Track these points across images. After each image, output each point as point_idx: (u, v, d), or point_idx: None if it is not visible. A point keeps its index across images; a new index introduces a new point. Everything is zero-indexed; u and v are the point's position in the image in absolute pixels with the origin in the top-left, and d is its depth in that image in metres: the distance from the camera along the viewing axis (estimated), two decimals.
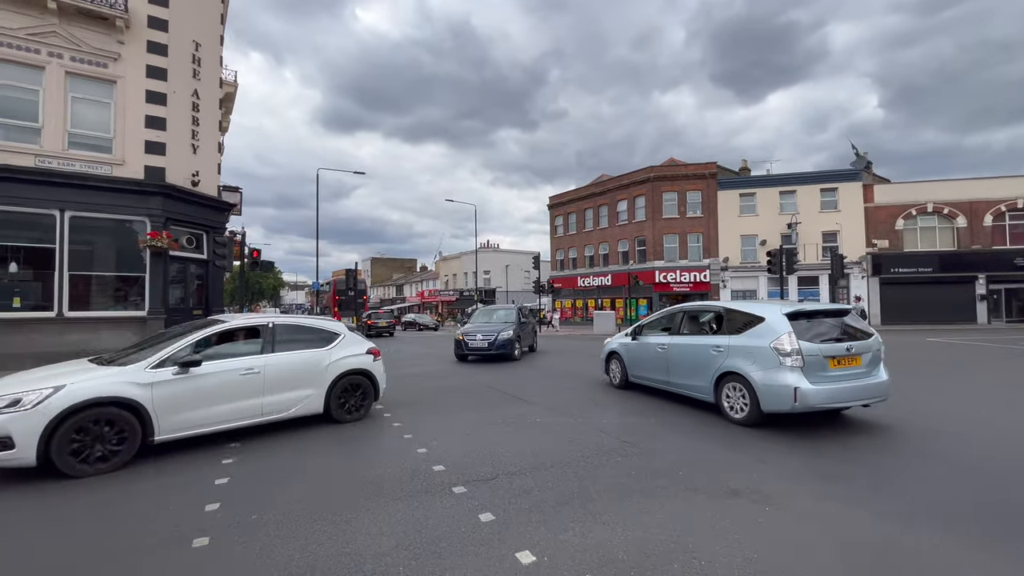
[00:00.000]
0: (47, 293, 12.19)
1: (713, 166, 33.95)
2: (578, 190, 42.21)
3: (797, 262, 21.07)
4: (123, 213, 12.97)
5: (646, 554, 3.12)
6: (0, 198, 11.56)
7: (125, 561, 3.14)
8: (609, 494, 4.11)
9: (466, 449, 5.46)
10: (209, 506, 3.96)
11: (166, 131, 13.67)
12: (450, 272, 63.68)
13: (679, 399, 7.85)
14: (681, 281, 33.46)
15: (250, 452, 5.46)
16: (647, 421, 6.67)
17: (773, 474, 4.54)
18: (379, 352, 7.36)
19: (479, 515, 3.71)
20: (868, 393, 5.95)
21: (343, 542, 3.33)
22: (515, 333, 14.10)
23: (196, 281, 15.36)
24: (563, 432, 6.16)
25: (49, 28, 12.20)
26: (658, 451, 5.30)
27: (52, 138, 12.29)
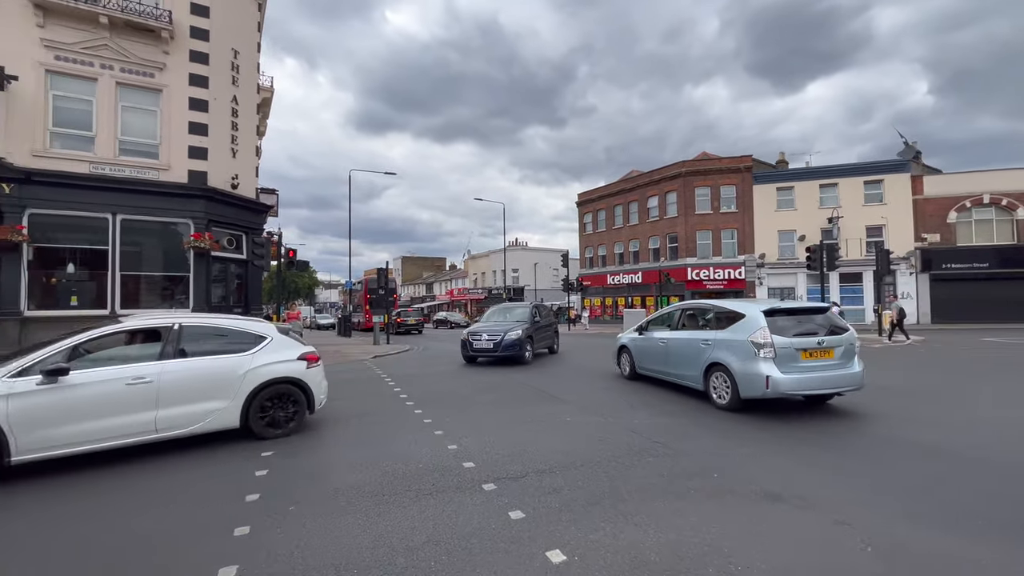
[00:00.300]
0: (101, 292, 12.93)
1: (748, 159, 32.91)
2: (607, 187, 41.71)
3: (839, 258, 20.22)
4: (169, 216, 13.61)
5: (679, 557, 3.05)
6: (59, 203, 12.32)
7: (171, 548, 3.29)
8: (640, 494, 4.04)
9: (496, 446, 5.47)
10: (249, 496, 4.11)
11: (207, 136, 14.26)
12: (479, 270, 64.07)
13: (708, 398, 7.67)
14: (715, 278, 32.63)
15: (288, 444, 5.64)
16: (679, 422, 6.54)
17: (817, 480, 4.36)
18: (317, 357, 6.45)
19: (509, 512, 3.71)
20: (840, 383, 6.59)
21: (376, 535, 3.39)
22: (525, 333, 12.88)
23: (236, 280, 15.98)
24: (593, 431, 6.10)
25: (101, 41, 12.90)
26: (691, 452, 5.18)
27: (105, 145, 13.00)
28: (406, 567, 2.97)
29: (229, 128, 15.14)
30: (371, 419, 6.93)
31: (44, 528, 3.64)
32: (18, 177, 11.77)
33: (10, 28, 12.03)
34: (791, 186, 32.21)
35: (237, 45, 15.56)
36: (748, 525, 3.48)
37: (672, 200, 34.92)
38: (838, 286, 29.87)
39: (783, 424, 6.34)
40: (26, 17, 12.19)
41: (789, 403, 7.41)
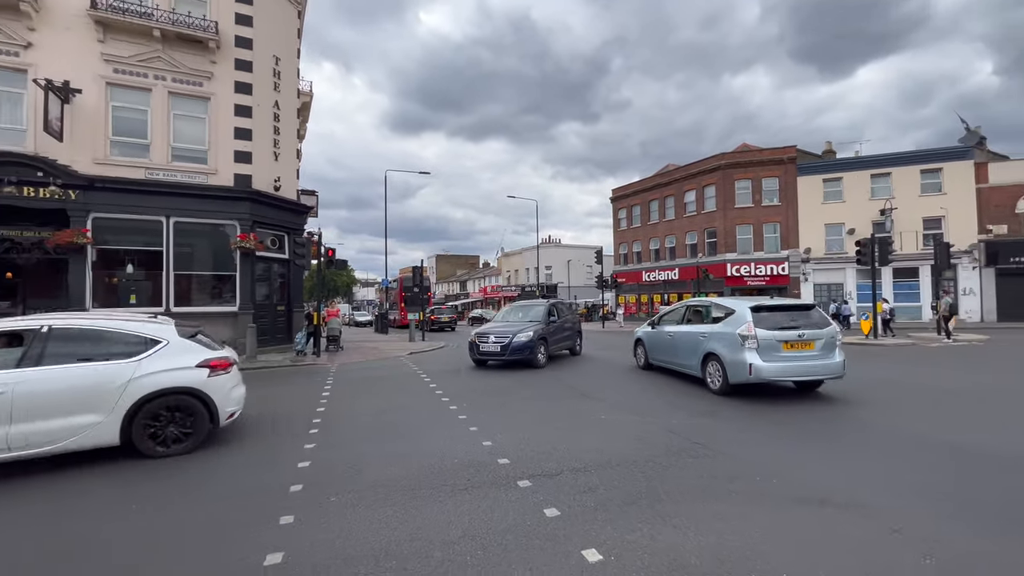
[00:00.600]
0: (156, 291, 13.70)
1: (792, 150, 31.54)
2: (642, 181, 40.92)
3: (892, 252, 19.13)
4: (216, 218, 14.27)
5: (720, 560, 2.96)
6: (118, 207, 13.13)
7: (221, 534, 3.45)
8: (679, 496, 3.94)
9: (530, 443, 5.47)
10: (293, 487, 4.26)
11: (251, 141, 14.86)
12: (512, 268, 64.20)
13: (704, 384, 7.94)
14: (756, 274, 31.49)
15: (328, 438, 5.81)
16: (719, 423, 6.35)
17: (868, 486, 4.14)
18: (226, 364, 5.71)
19: (544, 510, 3.70)
20: (819, 371, 7.49)
21: (414, 527, 3.45)
22: (537, 335, 11.61)
23: (279, 279, 16.61)
24: (630, 430, 6.00)
25: (154, 54, 13.64)
26: (733, 454, 5.01)
27: (159, 152, 13.76)
28: (443, 560, 3.00)
29: (271, 132, 15.73)
30: (407, 414, 7.06)
31: (115, 520, 3.89)
32: (82, 184, 12.61)
33: (75, 45, 12.89)
34: (839, 177, 30.66)
35: (278, 52, 16.13)
36: (794, 530, 3.34)
37: (710, 194, 33.90)
38: (891, 282, 28.25)
39: (828, 427, 6.07)
40: (89, 34, 13.03)
41: (829, 403, 7.10)
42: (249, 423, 6.89)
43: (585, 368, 11.79)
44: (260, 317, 14.88)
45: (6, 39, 12.32)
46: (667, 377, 9.86)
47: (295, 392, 9.23)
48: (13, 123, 12.55)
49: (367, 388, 9.55)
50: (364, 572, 2.89)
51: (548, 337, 12.23)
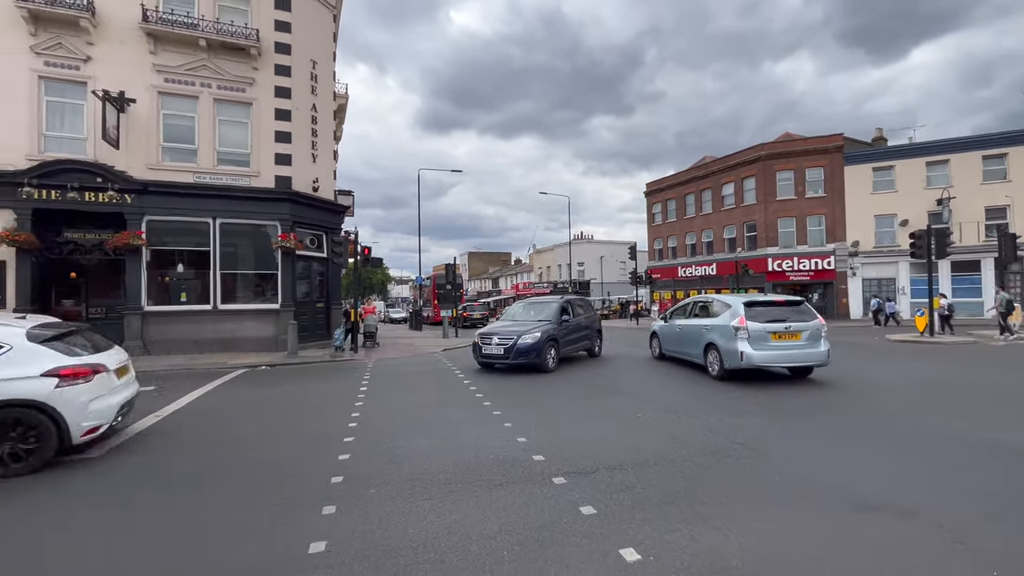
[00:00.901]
0: (205, 289, 14.38)
1: (839, 138, 30.03)
2: (677, 175, 39.94)
3: (950, 244, 17.98)
4: (259, 218, 14.84)
5: (764, 564, 2.85)
6: (169, 210, 13.85)
7: (268, 521, 3.58)
8: (719, 496, 3.83)
9: (565, 441, 5.44)
10: (334, 478, 4.38)
11: (291, 144, 15.36)
12: (544, 264, 64.03)
13: (706, 370, 8.45)
14: (799, 269, 30.22)
15: (367, 431, 5.95)
16: (760, 421, 6.15)
17: (922, 491, 3.91)
18: (85, 372, 4.96)
19: (580, 507, 3.67)
20: (805, 359, 8.54)
21: (451, 521, 3.49)
22: (546, 336, 10.55)
23: (318, 277, 17.13)
24: (666, 429, 5.88)
25: (200, 63, 14.28)
26: (776, 455, 4.84)
27: (205, 157, 14.41)
28: (479, 554, 3.02)
29: (309, 135, 16.21)
30: (442, 409, 7.15)
31: (166, 511, 4.11)
32: (137, 188, 13.36)
33: (129, 57, 13.65)
34: (890, 165, 29.00)
35: (315, 56, 16.58)
36: (843, 536, 3.19)
37: (750, 186, 32.71)
38: (949, 275, 26.55)
39: (874, 428, 5.78)
40: (141, 46, 13.76)
41: (874, 405, 6.72)
42: (292, 416, 7.14)
43: (612, 366, 11.64)
44: (300, 314, 15.40)
45: (68, 54, 13.17)
46: (693, 372, 10.08)
47: (334, 387, 9.51)
48: (75, 132, 13.43)
49: (403, 383, 9.74)
50: (404, 563, 2.94)
51: (560, 338, 11.16)
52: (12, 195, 12.37)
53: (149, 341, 13.55)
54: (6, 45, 12.68)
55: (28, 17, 12.70)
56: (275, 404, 8.06)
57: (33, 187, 12.40)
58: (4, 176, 12.33)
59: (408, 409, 7.20)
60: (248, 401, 8.19)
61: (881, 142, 32.23)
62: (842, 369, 10.65)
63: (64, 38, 13.10)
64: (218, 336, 14.19)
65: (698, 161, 39.82)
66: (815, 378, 9.21)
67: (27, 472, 4.62)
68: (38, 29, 12.90)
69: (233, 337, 14.33)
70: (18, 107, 12.77)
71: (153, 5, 13.82)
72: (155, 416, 6.93)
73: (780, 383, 8.74)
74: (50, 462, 4.79)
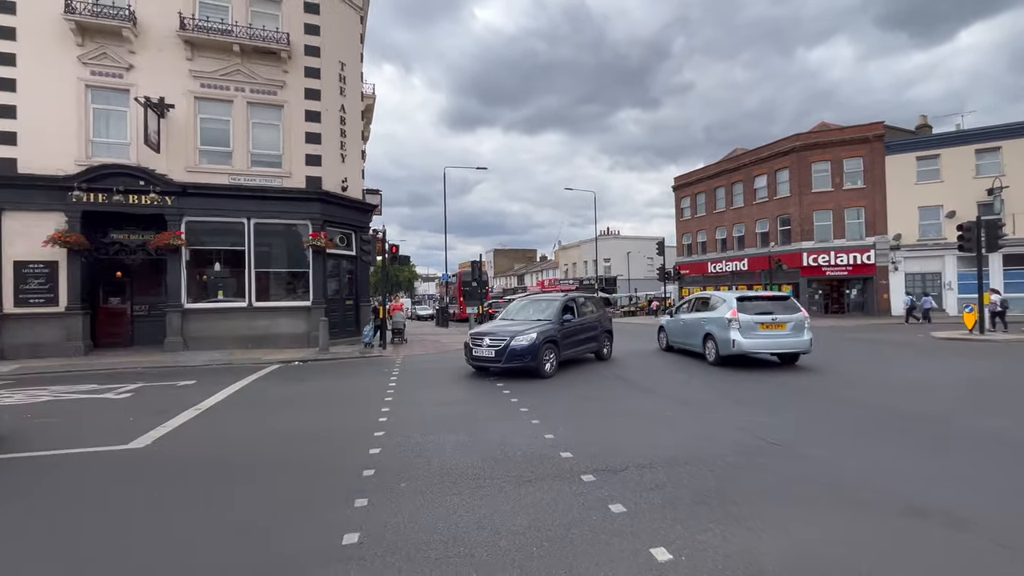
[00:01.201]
0: (240, 287, 14.87)
1: (879, 126, 28.73)
2: (707, 168, 39.01)
3: (1003, 236, 16.97)
4: (291, 218, 15.23)
5: (801, 568, 2.77)
6: (207, 211, 14.37)
7: (303, 512, 3.68)
8: (754, 497, 3.73)
9: (593, 438, 5.40)
10: (366, 472, 4.47)
11: (320, 145, 15.69)
12: (569, 261, 63.66)
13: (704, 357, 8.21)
14: (836, 264, 29.11)
15: (397, 426, 6.05)
16: (796, 421, 5.96)
17: (974, 496, 3.71)
18: None
19: (609, 505, 3.64)
20: (789, 346, 9.91)
21: (480, 516, 3.51)
22: (543, 337, 9.59)
23: (347, 275, 17.48)
24: (697, 427, 5.77)
25: (234, 68, 14.73)
26: (814, 456, 4.68)
27: (240, 159, 14.87)
28: (509, 550, 3.03)
29: (338, 136, 16.53)
30: (470, 406, 7.20)
31: (206, 502, 4.28)
32: (176, 191, 13.90)
33: (168, 64, 14.19)
34: (936, 154, 27.57)
35: (343, 58, 16.87)
36: (887, 542, 3.06)
37: (784, 178, 31.66)
38: (1000, 269, 25.10)
39: (917, 427, 5.51)
40: (179, 53, 14.29)
41: (914, 405, 6.41)
42: (324, 411, 7.32)
43: (624, 363, 11.47)
44: (331, 311, 15.76)
45: (112, 63, 13.79)
46: (693, 360, 11.19)
47: (364, 383, 9.69)
48: (119, 138, 14.06)
49: (431, 379, 9.85)
50: (434, 556, 2.98)
51: (560, 340, 10.09)
52: (63, 199, 13.06)
53: (189, 337, 14.11)
54: (57, 56, 13.37)
55: (76, 29, 13.35)
56: (308, 399, 8.27)
57: (82, 191, 13.07)
58: (56, 181, 13.03)
59: (436, 405, 7.28)
60: (282, 396, 8.43)
61: (925, 130, 30.68)
62: (881, 368, 10.23)
63: (108, 48, 13.72)
64: (253, 332, 14.66)
65: (728, 154, 38.79)
66: (851, 376, 8.87)
67: None
68: (85, 40, 13.55)
69: (267, 333, 14.78)
70: (68, 115, 13.46)
71: (189, 13, 14.33)
72: (195, 409, 7.21)
73: (795, 376, 8.46)
74: (99, 453, 5.06)
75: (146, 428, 6.11)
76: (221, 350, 13.97)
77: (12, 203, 12.98)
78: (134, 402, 7.90)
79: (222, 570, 2.92)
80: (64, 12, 13.13)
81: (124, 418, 6.74)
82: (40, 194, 13.08)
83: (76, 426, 6.45)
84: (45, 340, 13.07)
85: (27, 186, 13.01)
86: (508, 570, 2.81)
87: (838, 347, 14.14)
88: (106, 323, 14.76)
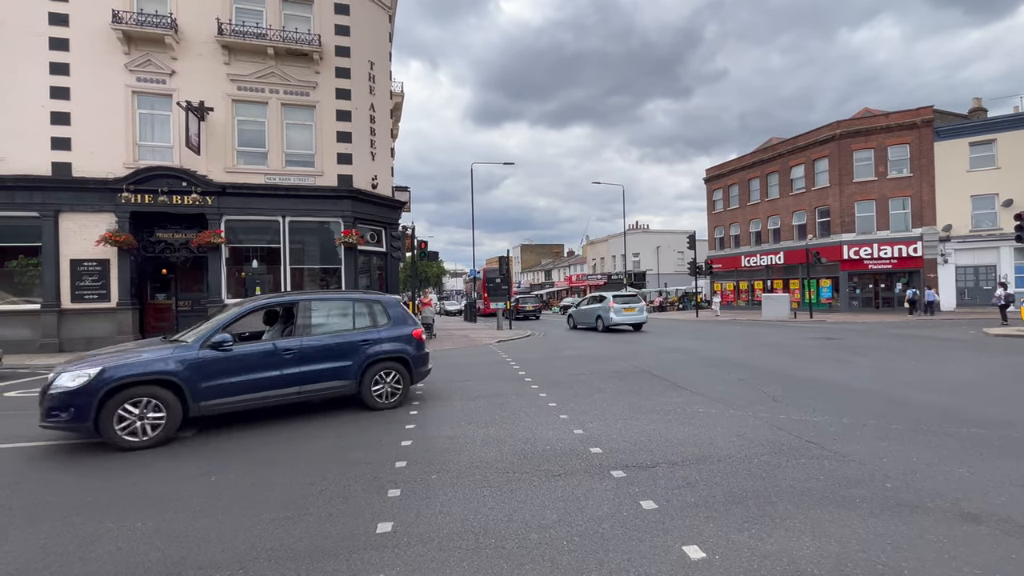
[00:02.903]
0: (276, 283, 15.35)
1: (928, 111, 27.21)
2: (741, 158, 37.87)
3: None
4: (323, 216, 15.61)
5: (843, 571, 2.67)
6: (244, 210, 14.88)
7: (339, 500, 3.79)
8: (792, 498, 3.62)
9: (623, 434, 5.35)
10: (398, 463, 4.56)
11: (351, 143, 16.00)
12: (597, 256, 63.04)
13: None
14: (880, 256, 27.82)
15: (427, 419, 6.14)
16: (838, 420, 5.74)
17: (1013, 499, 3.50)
18: None
19: (640, 502, 3.60)
20: (637, 320, 18.77)
21: (510, 509, 3.53)
22: (107, 381, 5.19)
23: (377, 271, 17.80)
24: (729, 425, 5.63)
25: (269, 70, 15.16)
26: (856, 456, 4.50)
27: (275, 159, 15.33)
28: (539, 543, 3.04)
29: (368, 134, 16.81)
30: (499, 400, 7.24)
31: (247, 491, 4.45)
32: (216, 191, 14.46)
33: (207, 68, 14.74)
34: (991, 139, 25.93)
35: (372, 57, 17.13)
36: (935, 547, 2.91)
37: (822, 168, 30.42)
38: None
39: (971, 430, 5.21)
40: (217, 58, 14.82)
41: (963, 407, 6.04)
42: (356, 404, 7.49)
43: (668, 359, 11.25)
44: None
45: (156, 69, 14.43)
46: (592, 332, 11.52)
47: None
48: (163, 141, 14.72)
49: (460, 374, 9.95)
50: (465, 547, 3.02)
51: (191, 382, 5.59)
52: (113, 200, 13.78)
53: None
54: (106, 65, 14.09)
55: (122, 38, 14.01)
56: None
57: (130, 192, 13.75)
58: (107, 183, 13.75)
59: (465, 399, 7.35)
60: None
61: (979, 113, 28.86)
62: (930, 365, 9.74)
63: (152, 55, 14.35)
64: None
65: (763, 143, 37.51)
66: (899, 373, 8.48)
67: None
68: (131, 48, 14.22)
69: None
70: (117, 120, 14.16)
71: (227, 18, 14.82)
72: None
73: (833, 371, 8.12)
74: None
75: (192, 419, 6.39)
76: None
77: (68, 204, 13.79)
78: None
79: (269, 554, 3.03)
80: (112, 22, 13.80)
81: None
82: (92, 196, 13.84)
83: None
84: (98, 334, 13.85)
85: (80, 188, 13.78)
86: (539, 563, 2.83)
87: (882, 343, 13.54)
88: (153, 318, 15.52)
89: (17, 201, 13.53)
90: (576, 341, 16.26)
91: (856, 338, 15.04)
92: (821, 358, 10.83)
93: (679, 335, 17.67)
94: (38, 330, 13.60)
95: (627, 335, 17.93)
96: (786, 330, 19.12)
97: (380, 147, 17.44)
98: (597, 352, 13.06)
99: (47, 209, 13.63)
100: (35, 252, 13.79)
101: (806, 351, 12.16)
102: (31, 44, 13.68)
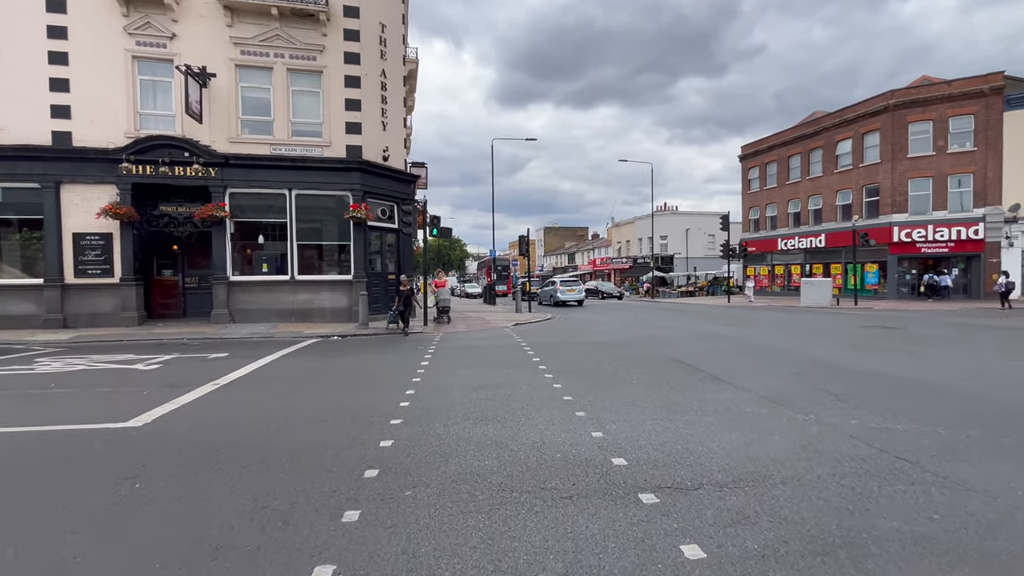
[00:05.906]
0: (283, 260, 14.67)
1: (998, 77, 24.42)
2: (780, 133, 35.38)
3: None
4: (331, 189, 14.77)
5: None
6: (249, 182, 14.16)
7: (276, 528, 2.87)
8: (903, 550, 2.51)
9: (653, 439, 4.29)
10: (368, 471, 3.63)
11: (360, 112, 15.02)
12: (623, 239, 61.03)
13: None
14: (935, 239, 25.46)
15: (418, 413, 5.20)
16: (931, 430, 4.53)
17: None
18: None
19: (681, 546, 2.56)
20: (577, 298, 27.34)
21: (499, 550, 2.55)
22: None
23: (389, 249, 16.94)
24: (789, 432, 4.50)
25: (273, 33, 14.22)
26: (973, 483, 3.33)
27: (281, 128, 14.49)
28: None
29: (379, 102, 15.79)
30: (506, 391, 6.25)
31: (165, 501, 3.58)
32: (219, 162, 13.73)
33: (208, 31, 13.90)
34: None
35: (384, 19, 16.00)
36: None
37: (872, 142, 27.93)
38: None
39: None
40: (219, 20, 13.95)
41: None
42: (344, 390, 6.64)
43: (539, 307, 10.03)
44: (373, 285, 15.31)
45: (156, 32, 13.66)
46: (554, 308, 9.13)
47: (395, 360, 9.01)
48: (164, 109, 14.03)
49: (467, 360, 9.01)
50: None
51: None
52: (113, 171, 13.20)
53: (234, 310, 14.11)
54: (104, 28, 13.38)
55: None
56: (333, 376, 7.68)
57: (131, 163, 13.13)
58: (108, 153, 13.18)
59: (467, 389, 6.38)
60: (304, 373, 7.88)
61: None
62: (1012, 361, 8.29)
63: (152, 17, 13.57)
64: (296, 306, 14.48)
65: (807, 117, 34.91)
66: (968, 367, 7.11)
67: None
68: (129, 10, 13.46)
69: (310, 307, 14.55)
70: (117, 87, 13.51)
71: None
72: (213, 384, 6.75)
73: (900, 363, 6.80)
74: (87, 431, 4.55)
75: (153, 404, 5.64)
76: (266, 323, 13.88)
77: (69, 176, 13.29)
78: (158, 374, 7.60)
79: None
80: None
81: (140, 392, 6.35)
82: (93, 167, 13.30)
83: (88, 400, 6.12)
84: (102, 310, 13.45)
85: (81, 159, 13.25)
86: None
87: (952, 333, 11.97)
88: (159, 294, 15.08)
89: (18, 172, 13.09)
90: (598, 326, 15.12)
91: (918, 327, 13.45)
92: (885, 349, 9.45)
93: (711, 320, 16.33)
94: (42, 305, 13.27)
95: (656, 319, 16.62)
96: (832, 317, 17.53)
97: (392, 116, 16.42)
98: (621, 337, 11.93)
99: (48, 180, 13.15)
100: (38, 225, 13.39)
101: (864, 341, 10.76)
102: (28, 5, 13.06)
